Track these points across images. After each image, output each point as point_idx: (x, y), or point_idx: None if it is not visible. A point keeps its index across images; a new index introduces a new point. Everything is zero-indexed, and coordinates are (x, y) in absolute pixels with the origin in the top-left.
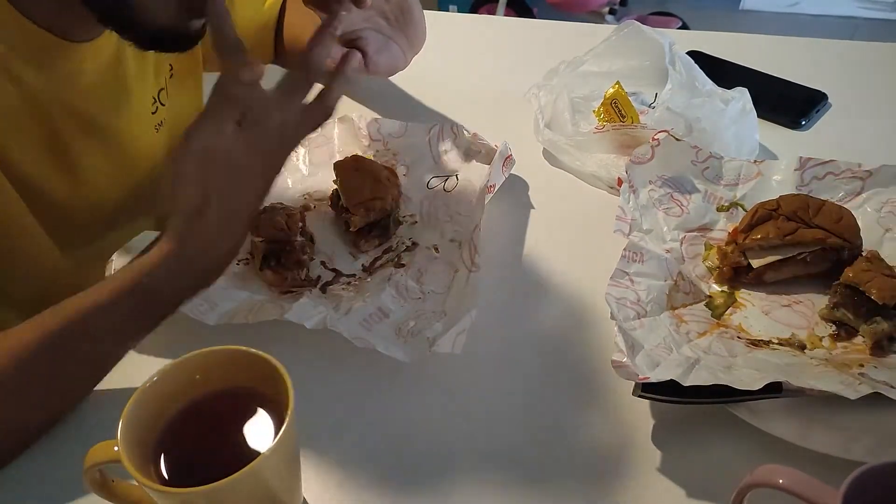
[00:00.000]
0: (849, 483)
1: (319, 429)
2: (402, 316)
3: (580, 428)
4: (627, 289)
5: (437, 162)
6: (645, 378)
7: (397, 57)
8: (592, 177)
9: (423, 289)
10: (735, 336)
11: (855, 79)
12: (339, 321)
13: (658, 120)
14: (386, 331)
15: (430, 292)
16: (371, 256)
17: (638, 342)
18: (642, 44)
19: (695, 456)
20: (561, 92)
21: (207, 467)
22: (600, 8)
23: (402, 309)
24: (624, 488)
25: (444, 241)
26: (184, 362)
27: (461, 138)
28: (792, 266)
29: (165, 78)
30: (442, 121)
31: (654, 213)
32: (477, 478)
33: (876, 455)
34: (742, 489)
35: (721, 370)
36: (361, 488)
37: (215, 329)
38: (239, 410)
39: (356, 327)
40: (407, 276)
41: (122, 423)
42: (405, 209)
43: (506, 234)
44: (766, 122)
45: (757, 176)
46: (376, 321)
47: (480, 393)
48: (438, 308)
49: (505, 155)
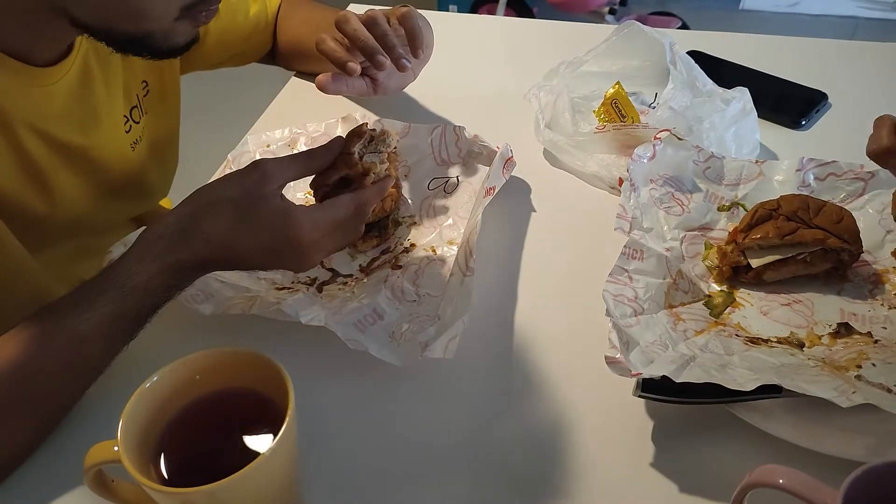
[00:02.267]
0: (849, 483)
1: (319, 429)
2: (397, 318)
3: (580, 428)
4: (625, 286)
5: (438, 163)
6: (637, 374)
7: (407, 77)
8: (593, 177)
9: (418, 291)
10: (733, 334)
11: (855, 79)
12: (335, 321)
13: (659, 119)
14: (379, 333)
15: (425, 295)
16: (369, 257)
17: (633, 339)
18: (642, 44)
19: (695, 456)
20: (561, 92)
21: (207, 467)
22: (600, 8)
23: (396, 311)
24: (623, 488)
25: (442, 243)
26: (184, 362)
27: (463, 140)
28: (791, 266)
29: (138, 95)
30: (443, 121)
31: (654, 211)
32: (476, 478)
33: (876, 455)
34: (742, 489)
35: (715, 369)
36: (361, 488)
37: (215, 329)
38: (239, 410)
39: (350, 328)
40: (403, 278)
41: (122, 423)
42: (405, 210)
43: (506, 235)
44: (766, 122)
45: (758, 176)
46: (370, 323)
47: (480, 393)
48: (433, 312)
49: (506, 157)
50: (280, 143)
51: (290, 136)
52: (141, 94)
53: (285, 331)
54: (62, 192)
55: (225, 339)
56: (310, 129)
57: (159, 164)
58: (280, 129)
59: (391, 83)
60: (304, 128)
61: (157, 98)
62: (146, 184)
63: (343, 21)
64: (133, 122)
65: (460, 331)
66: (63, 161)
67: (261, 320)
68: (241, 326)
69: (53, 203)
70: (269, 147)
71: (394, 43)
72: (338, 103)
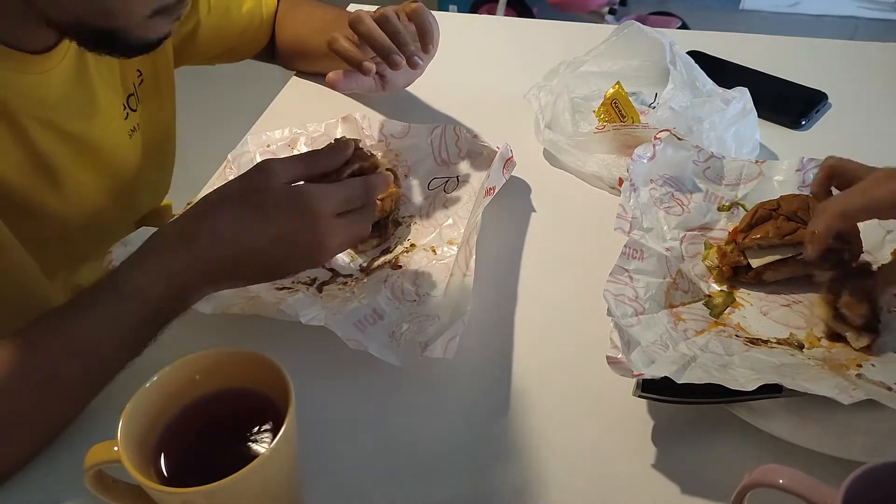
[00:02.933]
0: (849, 483)
1: (319, 429)
2: (397, 318)
3: (580, 428)
4: (626, 285)
5: (438, 163)
6: (639, 374)
7: (415, 73)
8: (593, 177)
9: (418, 291)
10: (733, 334)
11: (855, 79)
12: (335, 320)
13: (659, 119)
14: (379, 333)
15: (425, 295)
16: (369, 257)
17: (634, 339)
18: (642, 44)
19: (695, 456)
20: (561, 92)
21: (207, 467)
22: (600, 8)
23: (396, 311)
24: (623, 488)
25: (442, 243)
26: (184, 362)
27: (463, 140)
28: (791, 266)
29: (134, 84)
30: (443, 121)
31: (654, 211)
32: (476, 478)
33: (876, 455)
34: (742, 489)
35: (716, 369)
36: (362, 488)
37: (215, 329)
38: (239, 410)
39: (350, 328)
40: (403, 278)
41: (122, 423)
42: (405, 210)
43: (506, 235)
44: (766, 122)
45: (758, 176)
46: (370, 323)
47: (480, 393)
48: (433, 311)
49: (506, 157)
50: (280, 143)
51: (291, 136)
52: (136, 82)
53: (285, 331)
54: (72, 186)
55: (225, 339)
56: (310, 129)
57: (157, 156)
58: (280, 130)
59: (399, 79)
60: (305, 128)
61: (151, 88)
62: (146, 177)
63: (357, 21)
64: (130, 110)
65: (460, 331)
66: (69, 151)
67: (261, 320)
68: (241, 326)
69: (65, 199)
70: (269, 147)
71: (406, 41)
72: (338, 103)
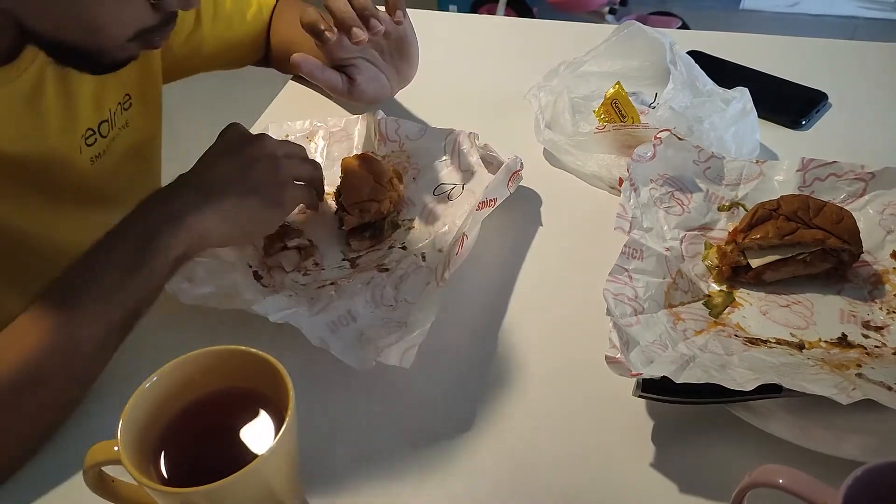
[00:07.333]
0: (849, 483)
1: (319, 429)
2: (368, 322)
3: (579, 428)
4: (625, 285)
5: (447, 169)
6: (638, 374)
7: (384, 87)
8: (593, 177)
9: (398, 296)
10: (732, 334)
11: (855, 79)
12: (306, 319)
13: (659, 119)
14: (349, 335)
15: (402, 301)
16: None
17: (633, 338)
18: (643, 44)
19: (694, 456)
20: (561, 92)
21: (207, 467)
22: (600, 8)
23: (370, 315)
24: (623, 488)
25: (433, 249)
26: (184, 362)
27: (475, 147)
28: (791, 266)
29: (111, 110)
30: (442, 121)
31: (654, 211)
32: (476, 478)
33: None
34: (742, 489)
35: (715, 369)
36: (362, 488)
37: (215, 329)
38: (239, 410)
39: (322, 327)
40: (387, 282)
41: (122, 423)
42: (407, 213)
43: (506, 235)
44: (766, 122)
45: (759, 176)
46: (343, 324)
47: (479, 392)
48: (402, 318)
49: (513, 170)
50: (300, 133)
51: (310, 128)
52: (115, 109)
53: (285, 331)
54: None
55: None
56: (329, 123)
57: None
58: (301, 121)
59: (368, 88)
60: (325, 121)
61: (141, 107)
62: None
63: None
64: (99, 136)
65: (419, 341)
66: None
67: (261, 320)
68: (242, 326)
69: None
70: (287, 136)
71: (373, 13)
72: (337, 107)
